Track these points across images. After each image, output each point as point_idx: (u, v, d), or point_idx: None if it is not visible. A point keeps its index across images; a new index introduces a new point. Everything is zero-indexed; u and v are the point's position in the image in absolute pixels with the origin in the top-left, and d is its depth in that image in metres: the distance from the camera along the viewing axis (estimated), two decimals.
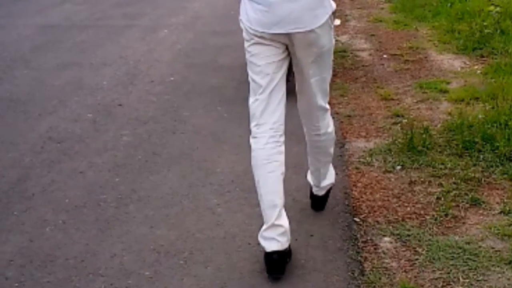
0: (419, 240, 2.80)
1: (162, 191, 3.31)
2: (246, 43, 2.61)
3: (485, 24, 5.96)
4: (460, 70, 5.16)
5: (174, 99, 4.70)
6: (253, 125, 2.63)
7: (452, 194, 3.16)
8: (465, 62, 5.34)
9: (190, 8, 8.02)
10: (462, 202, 3.10)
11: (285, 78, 2.64)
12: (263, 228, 2.59)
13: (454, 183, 3.26)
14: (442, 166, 3.44)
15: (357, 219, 2.99)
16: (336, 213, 3.05)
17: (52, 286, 2.56)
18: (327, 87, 2.76)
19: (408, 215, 3.02)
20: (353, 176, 3.43)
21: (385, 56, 5.67)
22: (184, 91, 4.87)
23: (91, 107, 4.54)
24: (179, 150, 3.81)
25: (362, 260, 2.68)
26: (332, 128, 2.87)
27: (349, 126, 4.11)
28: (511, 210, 3.00)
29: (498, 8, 6.24)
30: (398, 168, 3.48)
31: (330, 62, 2.71)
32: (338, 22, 3.35)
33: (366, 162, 3.58)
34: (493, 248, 2.72)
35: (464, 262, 2.63)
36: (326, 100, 2.78)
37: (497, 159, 3.46)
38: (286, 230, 2.58)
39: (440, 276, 2.55)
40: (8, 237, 2.91)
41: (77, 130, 4.14)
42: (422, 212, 3.04)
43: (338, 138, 3.74)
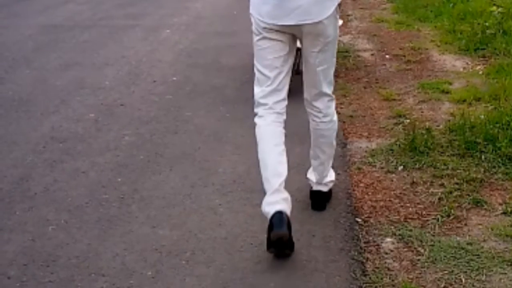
0: (421, 240, 2.80)
1: (164, 191, 3.31)
2: (255, 37, 2.76)
3: (487, 24, 5.96)
4: (462, 70, 5.16)
5: (176, 99, 4.70)
6: (259, 109, 2.79)
7: (454, 194, 3.16)
8: (467, 63, 5.34)
9: (193, 8, 8.03)
10: (464, 202, 3.10)
11: (290, 70, 2.81)
12: (266, 195, 2.65)
13: (456, 184, 3.26)
14: (444, 167, 3.44)
15: (359, 220, 2.99)
16: (338, 213, 3.05)
17: (54, 285, 2.56)
18: (332, 76, 2.88)
19: (410, 216, 3.01)
20: (355, 176, 3.42)
21: (387, 56, 5.67)
22: (186, 91, 4.87)
23: (93, 107, 4.55)
24: (181, 150, 3.81)
25: (364, 260, 2.67)
26: (336, 118, 2.98)
27: (351, 126, 4.11)
28: None
29: (500, 8, 6.23)
30: (400, 168, 3.48)
31: (335, 52, 2.83)
32: (340, 22, 3.37)
33: (368, 162, 3.58)
34: (495, 248, 2.72)
35: (466, 262, 2.63)
36: (331, 88, 2.90)
37: (499, 160, 3.46)
38: (289, 199, 2.66)
39: (442, 276, 2.55)
40: (10, 236, 2.91)
41: (79, 130, 4.14)
42: (424, 212, 3.04)
43: (340, 138, 3.75)
